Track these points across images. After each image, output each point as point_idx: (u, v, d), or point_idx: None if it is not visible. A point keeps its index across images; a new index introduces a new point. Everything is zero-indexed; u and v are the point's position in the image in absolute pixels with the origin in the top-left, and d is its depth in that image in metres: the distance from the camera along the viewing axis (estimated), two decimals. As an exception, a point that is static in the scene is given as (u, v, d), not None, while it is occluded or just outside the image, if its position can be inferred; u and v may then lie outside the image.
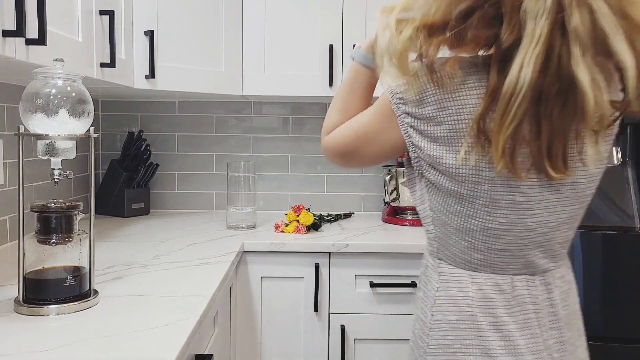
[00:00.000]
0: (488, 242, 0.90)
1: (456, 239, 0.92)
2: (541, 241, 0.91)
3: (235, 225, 1.97)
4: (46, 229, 1.06)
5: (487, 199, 0.86)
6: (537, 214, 0.88)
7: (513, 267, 0.92)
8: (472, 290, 0.92)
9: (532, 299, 0.92)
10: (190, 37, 1.90)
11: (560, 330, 0.94)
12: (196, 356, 1.09)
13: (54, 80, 1.02)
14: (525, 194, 0.86)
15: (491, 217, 0.88)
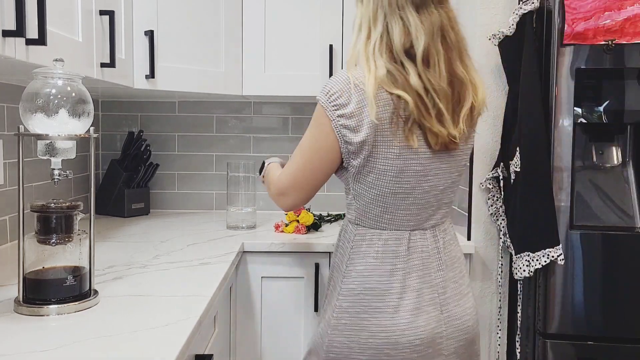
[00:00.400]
0: (396, 204, 1.16)
1: (372, 206, 1.18)
2: (433, 202, 1.19)
3: (235, 225, 1.97)
4: (46, 229, 1.06)
5: (396, 170, 1.13)
6: (430, 179, 1.16)
7: (412, 224, 1.18)
8: (379, 245, 1.18)
9: (423, 248, 1.19)
10: (190, 37, 1.90)
11: (444, 271, 1.20)
12: (196, 356, 1.09)
13: (54, 80, 1.02)
14: (422, 164, 1.14)
15: (399, 184, 1.14)
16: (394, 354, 1.14)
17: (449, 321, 1.18)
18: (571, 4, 1.56)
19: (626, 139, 1.70)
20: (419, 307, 1.15)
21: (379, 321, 1.15)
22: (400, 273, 1.16)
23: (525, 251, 1.58)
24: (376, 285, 1.16)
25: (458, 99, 1.13)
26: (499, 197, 1.76)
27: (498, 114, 1.78)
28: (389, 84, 1.08)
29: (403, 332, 1.14)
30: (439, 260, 1.20)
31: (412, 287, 1.16)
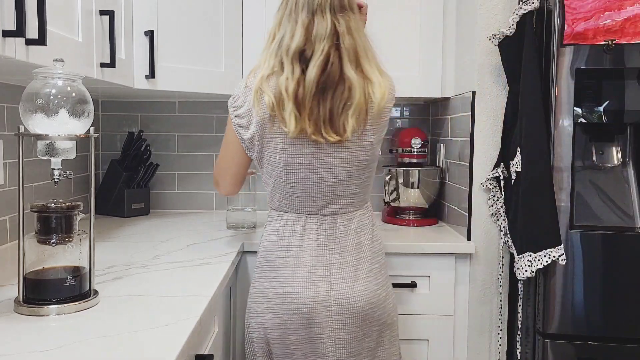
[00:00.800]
0: (290, 192, 1.34)
1: (274, 192, 1.38)
2: (327, 192, 1.33)
3: (235, 225, 1.97)
4: (46, 229, 1.06)
5: (284, 163, 1.31)
6: (319, 172, 1.31)
7: (308, 209, 1.35)
8: (280, 224, 1.37)
9: (320, 232, 1.34)
10: (190, 37, 1.90)
11: (341, 254, 1.34)
12: (196, 356, 1.09)
13: (54, 81, 1.02)
14: (308, 158, 1.30)
15: (288, 175, 1.32)
16: (285, 318, 1.32)
17: (337, 299, 1.32)
18: (571, 4, 1.56)
19: (626, 139, 1.70)
20: (310, 281, 1.32)
21: (275, 289, 1.34)
22: (295, 250, 1.34)
23: (527, 251, 1.58)
24: (274, 258, 1.36)
25: (347, 97, 1.25)
26: (499, 197, 1.76)
27: (498, 114, 1.78)
28: (268, 84, 1.26)
29: (293, 300, 1.31)
30: (336, 244, 1.35)
31: (305, 263, 1.33)
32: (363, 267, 1.36)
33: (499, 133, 1.77)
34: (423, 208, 2.13)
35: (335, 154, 1.30)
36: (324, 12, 1.24)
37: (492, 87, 1.78)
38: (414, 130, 2.19)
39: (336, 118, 1.25)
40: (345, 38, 1.25)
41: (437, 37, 2.04)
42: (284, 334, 1.34)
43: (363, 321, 1.34)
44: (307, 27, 1.24)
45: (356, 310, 1.33)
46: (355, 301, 1.33)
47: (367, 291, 1.34)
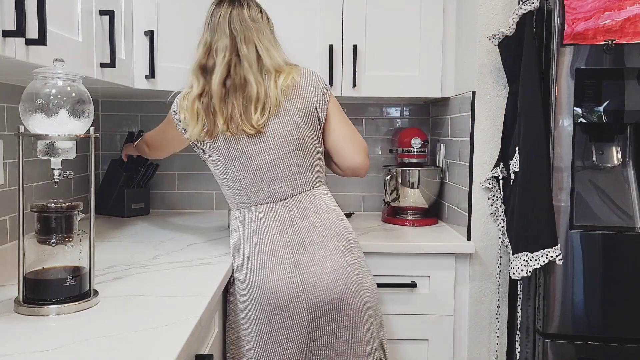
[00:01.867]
0: (235, 186, 1.44)
1: (226, 191, 1.48)
2: (268, 177, 1.42)
3: None
4: (46, 229, 1.06)
5: (223, 159, 1.42)
6: (251, 160, 1.41)
7: (259, 199, 1.43)
8: (240, 220, 1.45)
9: (275, 218, 1.41)
10: (191, 37, 1.89)
11: (301, 235, 1.39)
12: (196, 356, 1.09)
13: (54, 81, 1.02)
14: (239, 150, 1.41)
15: (229, 169, 1.43)
16: (255, 307, 1.36)
17: (304, 278, 1.36)
18: (571, 4, 1.56)
19: (626, 139, 1.70)
20: (274, 266, 1.37)
21: (243, 281, 1.39)
22: (255, 240, 1.40)
23: (524, 251, 1.58)
24: (239, 252, 1.42)
25: (249, 96, 1.39)
26: (499, 197, 1.76)
27: (498, 114, 1.78)
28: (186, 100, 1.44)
29: (260, 288, 1.36)
30: (294, 227, 1.40)
31: (267, 250, 1.38)
32: (327, 246, 1.40)
33: (499, 133, 1.77)
34: (423, 208, 2.13)
35: (263, 139, 1.41)
36: (222, 27, 1.43)
37: (492, 87, 1.78)
38: (414, 130, 2.19)
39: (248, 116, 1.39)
40: (242, 47, 1.42)
41: (437, 37, 2.04)
42: (258, 325, 1.37)
43: (336, 300, 1.36)
44: (209, 44, 1.44)
45: (325, 288, 1.36)
46: (323, 279, 1.36)
47: (335, 268, 1.37)
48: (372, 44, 2.02)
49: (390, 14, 2.04)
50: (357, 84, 2.02)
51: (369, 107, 2.42)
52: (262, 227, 1.41)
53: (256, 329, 1.38)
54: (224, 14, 1.44)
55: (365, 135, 2.37)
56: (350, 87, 2.02)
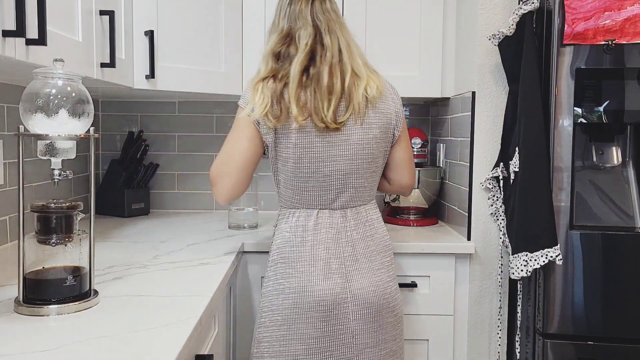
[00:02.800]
0: (300, 186, 1.40)
1: (286, 189, 1.42)
2: (337, 185, 1.39)
3: (237, 225, 1.97)
4: (46, 229, 1.06)
5: (296, 157, 1.37)
6: (329, 165, 1.37)
7: (319, 204, 1.40)
8: (292, 221, 1.41)
9: (332, 225, 1.40)
10: (191, 37, 1.90)
11: (354, 247, 1.39)
12: (196, 356, 1.09)
13: (54, 81, 1.02)
14: (318, 151, 1.36)
15: (299, 168, 1.38)
16: (301, 312, 1.35)
17: (353, 291, 1.37)
18: (571, 4, 1.56)
19: (626, 139, 1.70)
20: (325, 273, 1.36)
21: (291, 284, 1.37)
22: (309, 245, 1.38)
23: (524, 251, 1.58)
24: (289, 254, 1.38)
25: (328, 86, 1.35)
26: (499, 197, 1.76)
27: (498, 114, 1.78)
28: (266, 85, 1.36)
29: (311, 294, 1.35)
30: (347, 238, 1.40)
31: (320, 256, 1.37)
32: (375, 260, 1.42)
33: (499, 133, 1.77)
34: (423, 208, 2.13)
35: (343, 147, 1.37)
36: (305, 17, 1.40)
37: (492, 87, 1.78)
38: (414, 130, 2.19)
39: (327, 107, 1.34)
40: (326, 36, 1.39)
41: (437, 37, 2.04)
42: (302, 330, 1.35)
43: (378, 313, 1.39)
44: (287, 33, 1.40)
45: (372, 301, 1.38)
46: (371, 292, 1.38)
47: (382, 282, 1.40)
48: (372, 44, 2.02)
49: (390, 13, 2.04)
50: (357, 84, 2.02)
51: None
52: (318, 232, 1.39)
53: (297, 333, 1.36)
54: (306, 4, 1.41)
55: (365, 135, 2.37)
56: (350, 87, 2.02)
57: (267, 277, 1.42)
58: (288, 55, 1.39)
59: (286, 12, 1.43)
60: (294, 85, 1.34)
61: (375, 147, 1.41)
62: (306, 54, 1.36)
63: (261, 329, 1.40)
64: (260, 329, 1.40)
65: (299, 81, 1.35)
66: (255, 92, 1.37)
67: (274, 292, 1.39)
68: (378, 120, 1.40)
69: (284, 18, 1.43)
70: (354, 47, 1.42)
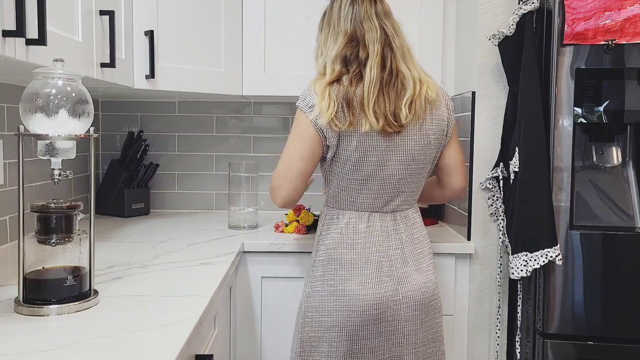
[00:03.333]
0: (356, 190, 1.40)
1: (339, 190, 1.41)
2: (391, 189, 1.40)
3: (237, 225, 1.97)
4: (46, 229, 1.06)
5: (356, 160, 1.36)
6: (387, 169, 1.38)
7: (372, 207, 1.41)
8: (342, 223, 1.41)
9: (382, 228, 1.41)
10: (190, 37, 1.90)
11: (403, 250, 1.41)
12: (196, 356, 1.09)
13: (54, 81, 1.02)
14: (378, 155, 1.36)
15: (358, 172, 1.38)
16: (355, 315, 1.36)
17: (404, 292, 1.39)
18: (571, 4, 1.56)
19: (626, 139, 1.70)
20: (378, 276, 1.37)
21: (345, 287, 1.37)
22: (360, 247, 1.39)
23: (523, 251, 1.58)
24: (341, 256, 1.39)
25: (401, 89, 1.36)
26: (499, 197, 1.76)
27: (498, 114, 1.78)
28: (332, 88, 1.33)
29: (364, 297, 1.36)
30: (398, 240, 1.42)
31: (372, 259, 1.38)
32: (422, 262, 1.45)
33: (499, 133, 1.77)
34: (423, 208, 2.13)
35: (401, 151, 1.38)
36: (371, 19, 1.39)
37: (492, 87, 1.78)
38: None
39: (397, 110, 1.35)
40: (395, 39, 1.39)
41: (437, 37, 2.04)
42: (353, 332, 1.36)
43: (427, 314, 1.43)
44: (352, 35, 1.38)
45: (422, 302, 1.41)
46: (422, 293, 1.41)
47: (430, 284, 1.44)
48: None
49: (390, 14, 2.04)
50: (357, 84, 2.02)
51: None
52: (370, 235, 1.40)
53: (348, 334, 1.37)
54: (369, 7, 1.40)
55: (365, 135, 2.37)
56: (350, 87, 2.02)
57: (313, 277, 1.42)
58: (356, 58, 1.36)
59: (348, 12, 1.40)
60: (371, 90, 1.33)
61: (428, 154, 1.42)
62: (380, 58, 1.35)
63: (307, 329, 1.40)
64: (306, 328, 1.41)
65: (375, 85, 1.33)
66: (322, 97, 1.33)
67: (324, 293, 1.39)
68: (434, 127, 1.41)
69: (345, 19, 1.40)
70: (411, 50, 1.43)
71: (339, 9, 1.42)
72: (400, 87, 1.36)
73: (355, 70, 1.35)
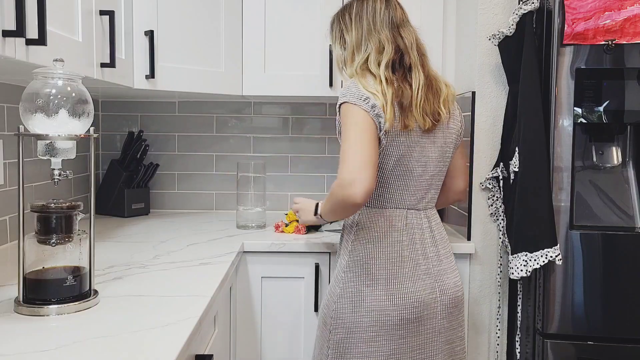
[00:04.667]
0: (395, 185, 1.39)
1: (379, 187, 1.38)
2: (425, 185, 1.42)
3: (245, 224, 1.97)
4: (46, 229, 1.06)
5: (399, 155, 1.36)
6: (423, 165, 1.40)
7: (407, 203, 1.41)
8: (381, 221, 1.39)
9: (418, 226, 1.41)
10: (190, 37, 1.90)
11: (437, 247, 1.43)
12: (196, 356, 1.09)
13: (54, 81, 1.02)
14: (418, 151, 1.38)
15: (400, 168, 1.38)
16: (394, 315, 1.35)
17: (441, 290, 1.40)
18: (571, 4, 1.56)
19: (626, 139, 1.70)
20: (416, 275, 1.37)
21: (383, 286, 1.36)
22: (399, 245, 1.38)
23: (523, 251, 1.58)
24: (380, 255, 1.37)
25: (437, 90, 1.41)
26: (498, 197, 1.76)
27: (498, 114, 1.78)
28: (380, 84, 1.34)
29: (403, 296, 1.35)
30: (432, 238, 1.43)
31: (409, 257, 1.38)
32: (452, 260, 1.47)
33: (499, 133, 1.77)
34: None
35: (432, 149, 1.41)
36: (406, 26, 1.44)
37: (492, 87, 1.78)
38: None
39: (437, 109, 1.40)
40: (421, 45, 1.44)
41: (437, 38, 2.04)
42: (391, 331, 1.35)
43: (458, 311, 1.46)
44: (393, 40, 1.39)
45: (456, 300, 1.44)
46: (456, 291, 1.44)
47: (459, 282, 1.46)
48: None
49: (390, 14, 2.04)
50: (357, 84, 2.02)
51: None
52: (407, 233, 1.40)
53: (388, 333, 1.35)
54: (402, 13, 1.45)
55: (365, 135, 2.37)
56: (350, 87, 2.02)
57: (345, 279, 1.39)
58: (401, 64, 1.39)
59: (384, 16, 1.42)
60: (421, 93, 1.36)
61: (451, 152, 1.47)
62: (420, 63, 1.39)
63: (340, 330, 1.37)
64: (339, 330, 1.38)
65: (422, 88, 1.37)
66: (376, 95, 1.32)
67: (360, 294, 1.36)
68: (455, 126, 1.46)
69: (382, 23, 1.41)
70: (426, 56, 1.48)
71: (374, 12, 1.42)
72: (437, 89, 1.41)
73: (402, 74, 1.38)
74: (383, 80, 1.34)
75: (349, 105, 1.33)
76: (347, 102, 1.33)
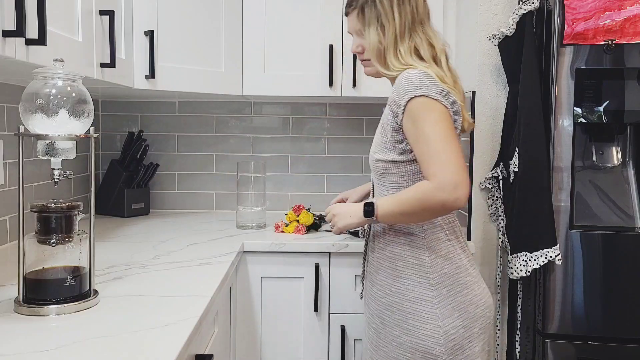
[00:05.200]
0: None
1: None
2: None
3: (245, 224, 1.96)
4: (46, 229, 1.06)
5: None
6: None
7: None
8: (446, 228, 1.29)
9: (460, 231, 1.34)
10: (191, 37, 1.90)
11: None
12: (196, 356, 1.09)
13: (54, 81, 1.02)
14: None
15: None
16: (489, 315, 1.30)
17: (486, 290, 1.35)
18: (571, 4, 1.56)
19: (626, 139, 1.70)
20: (481, 281, 1.32)
21: (475, 291, 1.28)
22: (459, 250, 1.29)
23: (523, 251, 1.58)
24: (459, 262, 1.28)
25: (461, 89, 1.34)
26: (498, 197, 1.76)
27: (498, 114, 1.78)
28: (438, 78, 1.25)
29: (478, 304, 1.28)
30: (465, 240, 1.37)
31: (470, 264, 1.31)
32: None
33: (499, 133, 1.77)
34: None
35: None
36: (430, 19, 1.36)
37: (492, 87, 1.78)
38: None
39: None
40: None
41: (437, 37, 2.04)
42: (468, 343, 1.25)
43: None
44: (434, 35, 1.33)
45: None
46: None
47: None
48: (372, 44, 2.02)
49: (390, 14, 2.04)
50: (357, 84, 2.02)
51: (369, 107, 2.42)
52: (461, 239, 1.32)
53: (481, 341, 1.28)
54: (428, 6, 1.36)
55: (365, 135, 2.37)
56: (351, 87, 2.02)
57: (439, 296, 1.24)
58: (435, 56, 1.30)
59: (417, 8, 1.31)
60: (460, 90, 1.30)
61: None
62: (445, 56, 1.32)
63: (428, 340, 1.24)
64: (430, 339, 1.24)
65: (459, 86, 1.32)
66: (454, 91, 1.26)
67: (462, 305, 1.25)
68: None
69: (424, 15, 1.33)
70: None
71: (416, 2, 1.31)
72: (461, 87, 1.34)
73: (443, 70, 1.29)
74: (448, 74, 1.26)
75: (429, 100, 1.19)
76: (426, 96, 1.19)
